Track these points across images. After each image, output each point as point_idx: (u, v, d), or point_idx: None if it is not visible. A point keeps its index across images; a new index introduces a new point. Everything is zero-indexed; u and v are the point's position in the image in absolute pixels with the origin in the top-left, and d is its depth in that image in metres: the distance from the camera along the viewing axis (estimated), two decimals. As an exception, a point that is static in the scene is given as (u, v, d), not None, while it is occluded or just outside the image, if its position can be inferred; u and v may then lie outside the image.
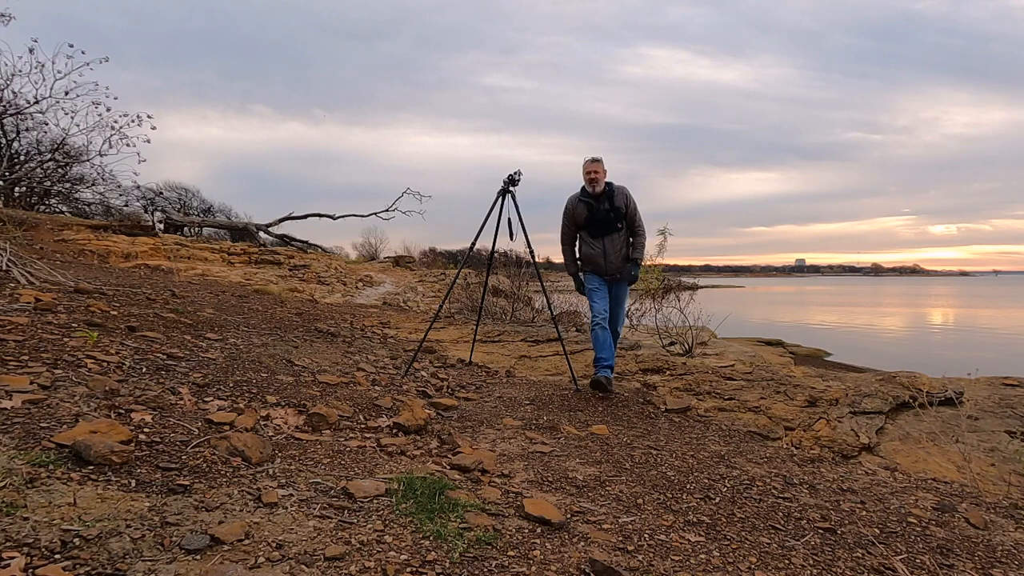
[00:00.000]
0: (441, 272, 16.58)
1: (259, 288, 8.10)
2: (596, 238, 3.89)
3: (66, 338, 2.72)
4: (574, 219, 3.93)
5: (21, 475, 1.42)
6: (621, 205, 3.84)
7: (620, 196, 3.84)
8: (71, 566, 1.16)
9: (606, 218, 3.83)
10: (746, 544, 1.72)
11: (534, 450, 2.50)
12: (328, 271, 12.92)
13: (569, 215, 3.93)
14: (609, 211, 3.83)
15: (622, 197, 3.85)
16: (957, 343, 15.37)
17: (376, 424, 2.62)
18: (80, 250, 8.19)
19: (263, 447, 1.93)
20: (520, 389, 3.87)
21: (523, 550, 1.54)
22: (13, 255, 4.53)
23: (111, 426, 1.76)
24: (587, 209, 3.85)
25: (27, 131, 11.15)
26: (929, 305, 33.77)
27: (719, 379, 4.05)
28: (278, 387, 2.79)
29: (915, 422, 3.30)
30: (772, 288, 75.82)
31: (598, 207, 3.82)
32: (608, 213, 3.83)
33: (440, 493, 1.76)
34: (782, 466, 2.57)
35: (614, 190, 3.84)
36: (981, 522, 2.02)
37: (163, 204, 19.24)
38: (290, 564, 1.29)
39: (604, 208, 3.82)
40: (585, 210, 3.86)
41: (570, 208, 3.91)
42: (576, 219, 3.92)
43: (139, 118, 9.35)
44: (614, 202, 3.82)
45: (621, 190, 3.86)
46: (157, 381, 2.44)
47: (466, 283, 9.70)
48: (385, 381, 3.50)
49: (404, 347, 4.99)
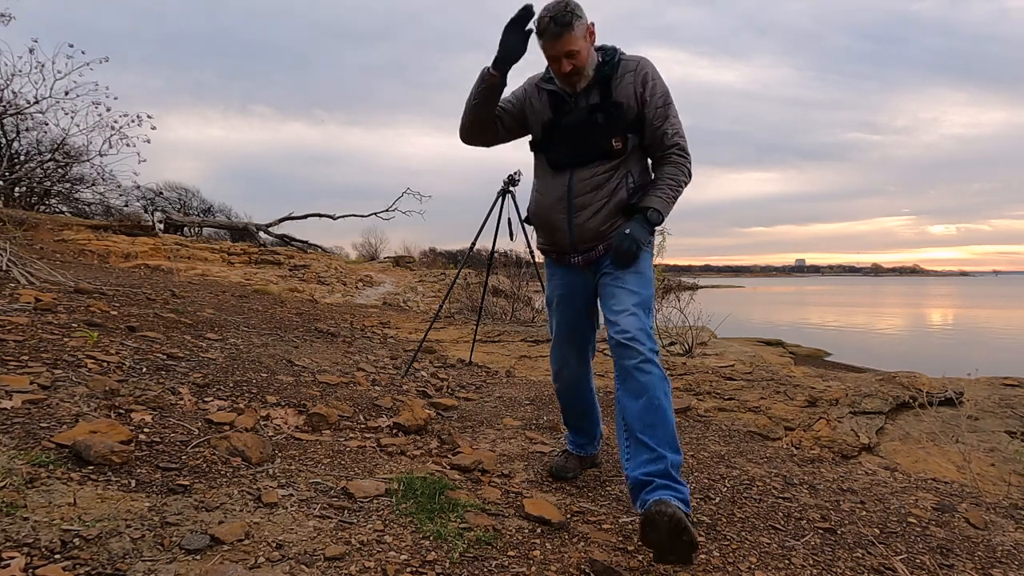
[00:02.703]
0: (441, 272, 16.57)
1: (259, 288, 8.10)
2: (559, 169, 1.93)
3: (66, 338, 2.72)
4: (523, 113, 1.99)
5: (21, 475, 1.42)
6: (627, 99, 1.85)
7: (629, 80, 1.85)
8: (71, 566, 1.16)
9: (588, 127, 1.87)
10: (746, 544, 1.72)
11: (534, 450, 2.50)
12: (328, 271, 12.92)
13: (517, 104, 1.99)
14: (597, 112, 1.86)
15: (633, 82, 1.85)
16: (957, 343, 15.37)
17: (376, 424, 2.62)
18: (80, 250, 8.18)
19: (263, 447, 1.93)
20: (520, 389, 3.87)
21: (523, 550, 1.54)
22: (13, 255, 4.53)
23: (111, 426, 1.76)
24: (551, 105, 1.92)
25: (27, 131, 11.16)
26: (929, 305, 33.78)
27: (719, 379, 4.04)
28: (278, 387, 2.79)
29: (915, 422, 3.30)
30: (772, 288, 75.85)
31: (573, 104, 1.89)
32: (594, 116, 1.86)
33: (440, 493, 1.76)
34: (782, 466, 2.57)
35: (617, 67, 1.87)
36: (981, 522, 2.02)
37: (163, 204, 19.24)
38: (290, 564, 1.29)
39: (587, 106, 1.88)
40: (547, 107, 1.93)
41: (521, 93, 2.00)
42: (528, 118, 1.99)
43: (139, 118, 9.36)
44: (612, 93, 1.86)
45: (633, 66, 1.87)
46: (157, 381, 2.44)
47: (466, 283, 9.70)
48: (385, 381, 3.50)
49: (404, 347, 4.99)
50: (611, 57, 1.89)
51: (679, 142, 1.92)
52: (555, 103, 1.93)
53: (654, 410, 1.68)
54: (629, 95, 1.87)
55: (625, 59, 1.90)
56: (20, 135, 11.32)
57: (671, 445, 1.66)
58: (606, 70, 1.87)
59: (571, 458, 2.23)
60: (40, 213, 10.56)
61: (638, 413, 1.69)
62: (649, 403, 1.68)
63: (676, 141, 1.91)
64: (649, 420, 1.67)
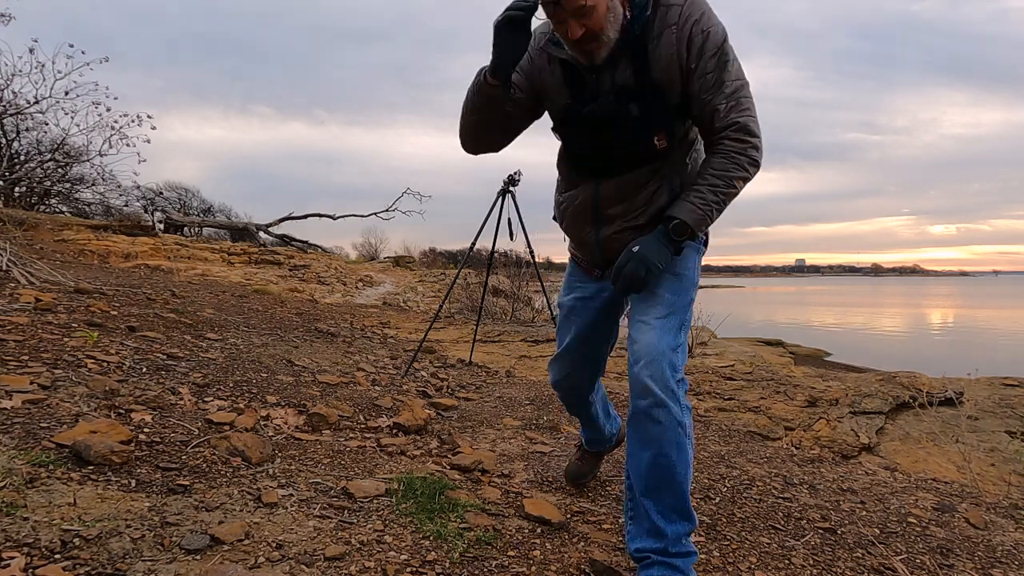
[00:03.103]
0: (441, 272, 16.58)
1: (259, 288, 8.10)
2: (584, 176, 1.53)
3: (66, 338, 2.72)
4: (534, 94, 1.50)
5: (21, 475, 1.42)
6: (669, 72, 1.33)
7: (670, 38, 1.31)
8: (71, 566, 1.16)
9: (619, 122, 1.39)
10: (746, 544, 1.72)
11: (534, 450, 2.50)
12: (328, 271, 12.92)
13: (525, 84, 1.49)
14: (629, 100, 1.36)
15: (676, 40, 1.30)
16: (957, 343, 15.37)
17: (376, 424, 2.62)
18: (80, 250, 8.18)
19: (263, 447, 1.93)
20: (520, 389, 3.87)
21: (523, 550, 1.54)
22: (13, 255, 4.54)
23: (111, 426, 1.76)
24: (567, 82, 1.44)
25: (27, 131, 11.17)
26: (929, 305, 33.79)
27: (719, 379, 4.05)
28: (278, 387, 2.79)
29: (915, 422, 3.31)
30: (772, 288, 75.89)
31: (595, 83, 1.40)
32: (626, 106, 1.37)
33: (440, 493, 1.76)
34: (782, 466, 2.57)
35: (653, 19, 1.31)
36: (981, 522, 2.02)
37: (163, 204, 19.24)
38: (290, 564, 1.29)
39: (614, 88, 1.38)
40: (562, 85, 1.44)
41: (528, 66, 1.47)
42: (541, 97, 1.51)
43: (139, 118, 9.38)
44: (650, 65, 1.33)
45: (675, 14, 1.30)
46: (157, 381, 2.44)
47: (466, 283, 9.70)
48: (385, 381, 3.50)
49: (404, 347, 4.99)
50: (643, 3, 1.31)
51: (737, 120, 1.34)
52: (571, 79, 1.43)
53: (661, 470, 1.37)
54: (671, 63, 1.32)
55: (664, 4, 1.31)
56: (20, 135, 11.34)
57: (679, 511, 1.39)
58: (636, 28, 1.31)
59: (587, 458, 2.06)
60: (40, 213, 10.57)
61: (643, 471, 1.40)
62: (655, 460, 1.37)
63: (733, 119, 1.34)
64: (653, 483, 1.38)
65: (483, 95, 1.42)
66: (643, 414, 1.37)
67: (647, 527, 1.40)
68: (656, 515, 1.38)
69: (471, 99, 1.46)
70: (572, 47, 1.35)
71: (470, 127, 1.53)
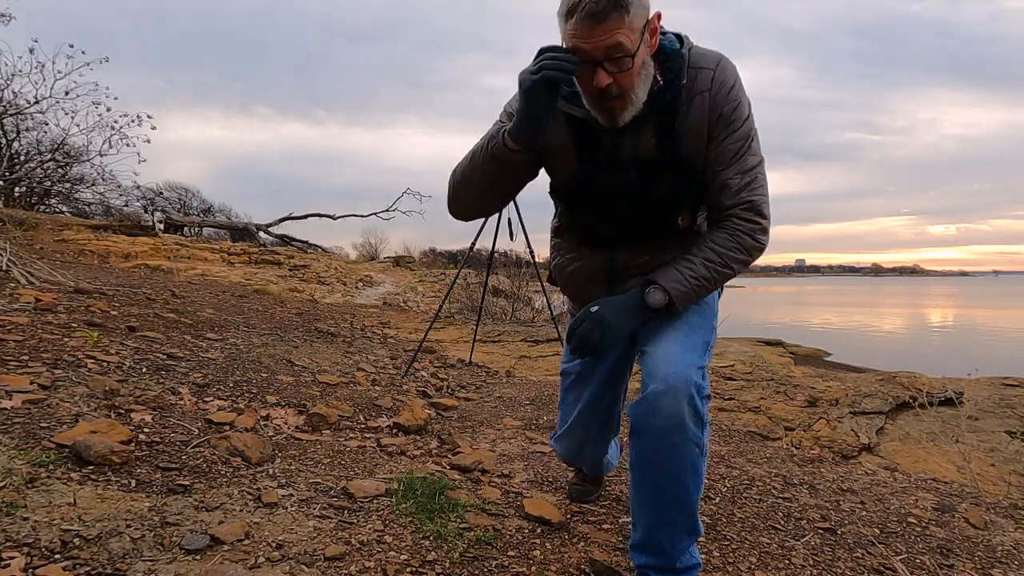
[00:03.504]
0: (441, 272, 16.59)
1: (259, 288, 8.10)
2: (598, 245, 1.39)
3: (66, 338, 2.72)
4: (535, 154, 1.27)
5: (21, 475, 1.42)
6: (698, 142, 1.20)
7: (700, 106, 1.17)
8: (71, 566, 1.16)
9: (640, 200, 1.26)
10: (746, 544, 1.72)
11: (534, 450, 2.50)
12: (328, 271, 12.92)
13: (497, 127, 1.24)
14: (656, 176, 1.23)
15: (707, 108, 1.17)
16: (957, 343, 15.37)
17: (376, 424, 2.62)
18: (80, 250, 8.19)
19: (263, 447, 1.93)
20: (520, 389, 3.87)
21: (523, 550, 1.54)
22: (13, 255, 4.54)
23: (111, 426, 1.76)
24: (576, 145, 1.25)
25: (27, 131, 11.18)
26: (929, 305, 33.80)
27: (719, 379, 4.05)
28: (278, 387, 2.79)
29: (915, 422, 3.31)
30: (772, 288, 75.91)
31: (613, 148, 1.22)
32: (651, 183, 1.24)
33: (440, 493, 1.76)
34: (782, 466, 2.57)
35: (682, 85, 1.17)
36: (981, 522, 2.02)
37: (163, 204, 19.26)
38: (290, 564, 1.29)
39: (636, 158, 1.22)
40: (571, 146, 1.25)
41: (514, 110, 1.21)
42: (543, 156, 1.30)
43: (139, 118, 9.38)
44: (679, 137, 1.19)
45: (706, 79, 1.17)
46: (157, 381, 2.44)
47: (466, 283, 9.70)
48: (385, 381, 3.50)
49: (404, 347, 4.99)
50: (676, 68, 1.17)
51: (750, 199, 1.23)
52: (583, 141, 1.24)
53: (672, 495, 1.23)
54: (700, 131, 1.20)
55: (694, 67, 1.18)
56: (20, 135, 11.34)
57: (687, 528, 1.28)
58: (668, 95, 1.17)
59: (588, 479, 1.96)
60: (40, 213, 10.58)
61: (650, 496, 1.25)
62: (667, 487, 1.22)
63: (745, 198, 1.22)
64: (664, 508, 1.25)
65: (499, 161, 1.22)
66: (657, 435, 1.17)
67: (652, 546, 1.29)
68: (663, 537, 1.26)
69: (481, 166, 1.25)
70: (592, 103, 1.17)
71: (472, 194, 1.31)
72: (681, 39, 1.21)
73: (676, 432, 1.16)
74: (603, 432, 1.61)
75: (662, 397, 1.15)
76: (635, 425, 1.22)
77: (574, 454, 1.65)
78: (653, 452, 1.20)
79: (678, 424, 1.15)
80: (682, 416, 1.15)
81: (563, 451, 1.65)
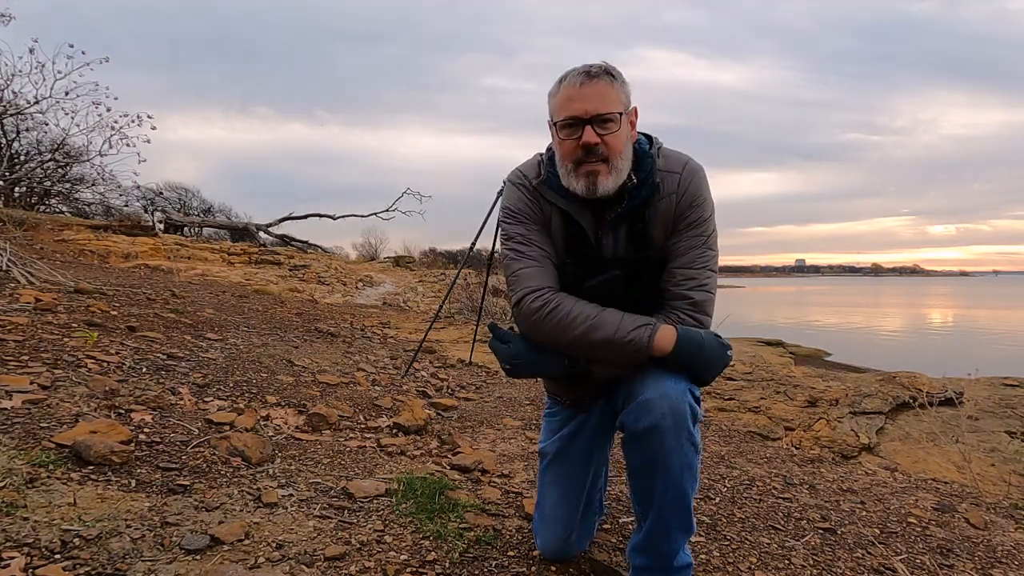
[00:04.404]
0: (441, 272, 16.59)
1: (259, 288, 8.10)
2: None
3: (66, 338, 2.72)
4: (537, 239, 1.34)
5: (21, 475, 1.43)
6: (662, 242, 1.32)
7: (666, 208, 1.30)
8: (71, 566, 1.16)
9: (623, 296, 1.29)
10: (746, 544, 1.72)
11: (534, 450, 2.50)
12: (328, 271, 12.92)
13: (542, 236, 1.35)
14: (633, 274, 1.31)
15: (671, 210, 1.30)
16: (957, 343, 15.37)
17: (376, 424, 2.62)
18: (80, 250, 8.19)
19: (263, 447, 1.93)
20: (520, 389, 3.87)
21: (523, 550, 1.54)
22: (13, 255, 4.54)
23: (111, 426, 1.76)
24: (565, 239, 1.34)
25: (27, 131, 11.18)
26: (929, 305, 33.79)
27: (719, 379, 4.05)
28: (278, 387, 2.79)
29: (915, 422, 3.31)
30: (772, 288, 75.93)
31: (597, 246, 1.33)
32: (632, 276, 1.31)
33: (440, 493, 1.76)
34: (782, 466, 2.57)
35: (655, 185, 1.28)
36: (981, 522, 2.02)
37: (163, 204, 19.27)
38: (290, 564, 1.29)
39: (616, 258, 1.32)
40: (561, 239, 1.34)
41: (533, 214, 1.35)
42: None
43: (139, 118, 9.37)
44: (652, 237, 1.31)
45: (672, 183, 1.29)
46: (157, 381, 2.44)
47: (466, 283, 9.70)
48: (385, 381, 3.50)
49: (404, 347, 4.99)
50: (648, 168, 1.28)
51: (695, 298, 1.28)
52: (570, 237, 1.32)
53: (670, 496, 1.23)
54: (665, 228, 1.31)
55: (663, 169, 1.29)
56: (20, 135, 11.35)
57: (683, 528, 1.29)
58: (643, 193, 1.28)
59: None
60: (40, 213, 10.58)
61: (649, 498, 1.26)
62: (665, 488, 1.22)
63: (690, 297, 1.28)
64: (664, 510, 1.25)
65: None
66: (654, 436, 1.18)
67: (652, 548, 1.30)
68: (662, 539, 1.28)
69: (586, 349, 1.27)
70: (573, 169, 1.25)
71: (563, 345, 1.29)
72: (651, 139, 1.34)
73: (670, 433, 1.17)
74: (587, 516, 1.53)
75: (654, 400, 1.18)
76: (630, 431, 1.22)
77: (559, 545, 1.48)
78: (650, 456, 1.20)
79: (672, 424, 1.17)
80: (676, 414, 1.17)
81: (546, 541, 1.50)
